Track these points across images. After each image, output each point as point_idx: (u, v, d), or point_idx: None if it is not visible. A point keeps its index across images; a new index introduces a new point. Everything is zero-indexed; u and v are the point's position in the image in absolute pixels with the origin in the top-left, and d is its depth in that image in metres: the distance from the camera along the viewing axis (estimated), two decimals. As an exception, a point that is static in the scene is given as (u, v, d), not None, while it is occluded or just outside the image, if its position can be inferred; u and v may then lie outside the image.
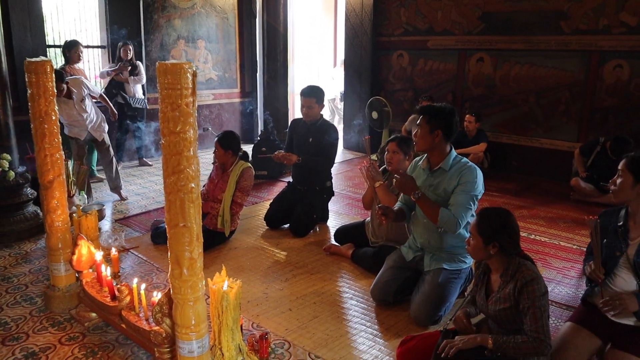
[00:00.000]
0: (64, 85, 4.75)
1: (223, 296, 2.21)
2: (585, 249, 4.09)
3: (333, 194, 4.75)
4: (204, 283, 2.15)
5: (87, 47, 6.87)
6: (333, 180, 4.72)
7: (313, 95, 4.43)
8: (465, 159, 3.00)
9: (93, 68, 7.06)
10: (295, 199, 4.55)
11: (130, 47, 6.46)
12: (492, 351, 2.14)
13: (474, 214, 2.79)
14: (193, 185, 2.01)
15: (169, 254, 2.07)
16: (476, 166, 2.96)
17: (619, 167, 2.34)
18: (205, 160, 6.64)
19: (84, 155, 5.22)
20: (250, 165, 4.21)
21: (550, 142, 6.38)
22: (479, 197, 2.91)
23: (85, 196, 4.63)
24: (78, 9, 6.78)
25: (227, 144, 4.11)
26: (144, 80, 6.73)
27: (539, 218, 4.95)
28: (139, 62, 6.65)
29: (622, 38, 5.74)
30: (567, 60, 6.11)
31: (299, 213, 4.45)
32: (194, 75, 1.95)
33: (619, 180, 2.32)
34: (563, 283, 3.55)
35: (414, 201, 2.91)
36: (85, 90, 5.01)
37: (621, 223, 2.34)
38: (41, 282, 3.42)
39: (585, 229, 4.62)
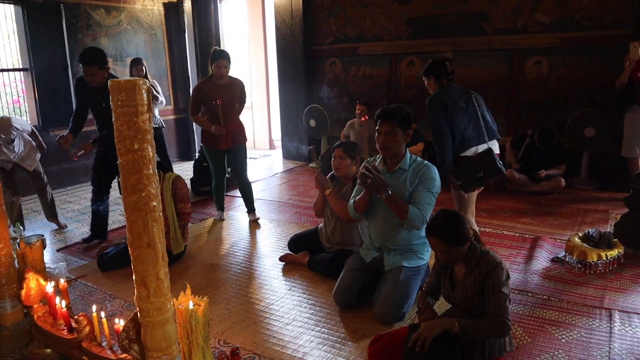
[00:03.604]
0: None
1: (191, 315, 2.15)
2: (526, 236, 4.34)
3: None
4: (172, 304, 2.10)
5: (7, 70, 6.52)
6: (276, 188, 4.75)
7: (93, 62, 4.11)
8: (419, 158, 3.11)
9: (13, 92, 6.70)
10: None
11: (144, 66, 6.08)
12: (458, 334, 2.22)
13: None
14: (154, 203, 1.96)
15: (133, 276, 2.00)
16: (431, 164, 3.07)
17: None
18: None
19: (14, 185, 4.92)
20: (177, 174, 4.14)
21: (483, 138, 6.66)
22: (438, 192, 3.02)
23: (21, 228, 4.36)
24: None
25: None
26: (162, 99, 6.32)
27: (481, 210, 5.16)
28: (154, 81, 6.29)
29: (539, 36, 6.12)
30: (492, 59, 6.45)
31: None
32: (148, 91, 1.91)
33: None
34: (512, 269, 3.72)
35: (384, 199, 2.94)
36: (14, 132, 4.69)
37: None
38: (-17, 323, 3.19)
39: (525, 216, 4.89)
